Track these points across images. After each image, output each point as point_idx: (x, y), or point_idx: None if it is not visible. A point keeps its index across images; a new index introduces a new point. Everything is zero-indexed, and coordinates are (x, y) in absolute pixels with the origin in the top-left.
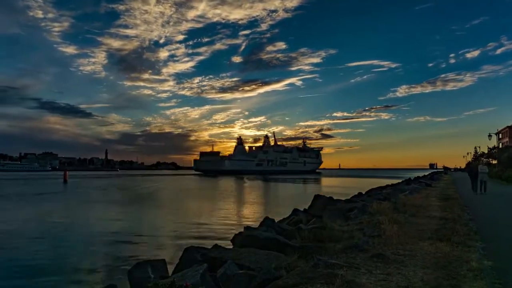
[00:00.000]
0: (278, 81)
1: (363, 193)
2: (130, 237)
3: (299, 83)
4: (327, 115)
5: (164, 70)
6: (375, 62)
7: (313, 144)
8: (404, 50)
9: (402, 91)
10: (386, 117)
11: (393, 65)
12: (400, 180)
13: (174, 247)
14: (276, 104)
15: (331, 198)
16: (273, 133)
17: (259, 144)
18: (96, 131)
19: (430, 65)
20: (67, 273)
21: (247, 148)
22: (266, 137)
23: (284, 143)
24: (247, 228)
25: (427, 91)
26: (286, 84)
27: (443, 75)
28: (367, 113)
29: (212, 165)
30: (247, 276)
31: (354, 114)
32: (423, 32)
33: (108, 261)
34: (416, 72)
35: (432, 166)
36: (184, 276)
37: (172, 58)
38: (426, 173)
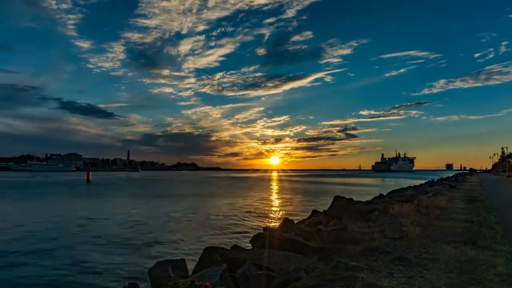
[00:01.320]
0: (303, 76)
1: (384, 194)
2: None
3: (326, 78)
4: (352, 114)
5: (185, 65)
6: (412, 53)
7: (337, 143)
8: (446, 38)
9: (439, 86)
10: (416, 115)
11: (432, 56)
12: (423, 182)
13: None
14: (300, 101)
15: (351, 199)
16: (398, 153)
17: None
18: (117, 132)
19: (477, 55)
20: (88, 270)
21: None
22: (399, 154)
23: (305, 143)
24: (266, 229)
25: (466, 86)
26: (312, 80)
27: (487, 67)
28: (396, 111)
29: (384, 168)
30: (266, 277)
31: (381, 112)
32: (470, 16)
33: (130, 259)
34: (458, 63)
35: (449, 166)
36: (203, 276)
37: (193, 52)
38: (450, 175)
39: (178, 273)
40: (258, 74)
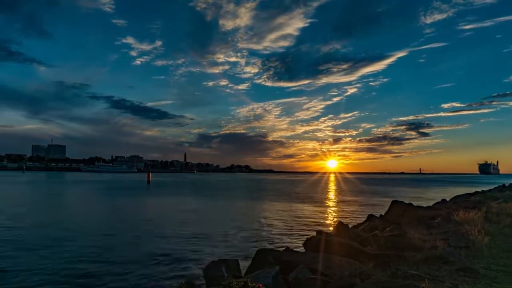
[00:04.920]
0: (382, 57)
1: (448, 199)
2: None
3: (411, 58)
4: (431, 107)
5: (241, 45)
6: None
7: (405, 143)
8: None
9: None
10: None
11: None
12: (492, 187)
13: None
14: (374, 92)
15: (410, 205)
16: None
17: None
18: (172, 133)
19: None
20: (144, 268)
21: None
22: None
23: (367, 144)
24: (319, 232)
25: None
26: (391, 63)
27: None
28: (487, 102)
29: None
30: (320, 282)
31: (466, 105)
32: None
33: (186, 256)
34: None
35: (485, 169)
36: (256, 277)
37: (251, 27)
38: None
39: (231, 273)
40: (327, 51)
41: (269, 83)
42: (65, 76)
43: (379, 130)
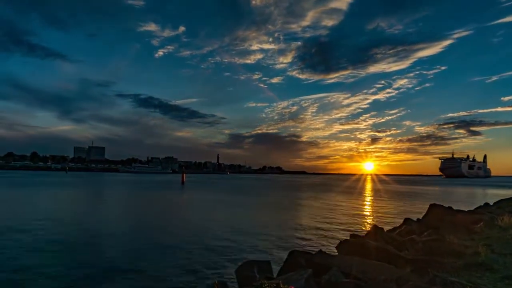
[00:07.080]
0: (437, 37)
1: (491, 203)
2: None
3: (481, 37)
4: (487, 101)
5: (274, 27)
6: None
7: (451, 143)
8: None
9: None
10: None
11: None
12: None
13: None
14: (428, 83)
15: (450, 208)
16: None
17: None
18: (204, 134)
19: None
20: (177, 266)
21: None
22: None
23: (407, 144)
24: (354, 235)
25: None
26: (450, 45)
27: None
28: None
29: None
30: (354, 285)
31: None
32: None
33: (219, 256)
34: None
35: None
36: (288, 279)
37: (285, 4)
38: None
39: (263, 274)
40: (371, 29)
41: (305, 75)
42: (88, 72)
43: (423, 128)
